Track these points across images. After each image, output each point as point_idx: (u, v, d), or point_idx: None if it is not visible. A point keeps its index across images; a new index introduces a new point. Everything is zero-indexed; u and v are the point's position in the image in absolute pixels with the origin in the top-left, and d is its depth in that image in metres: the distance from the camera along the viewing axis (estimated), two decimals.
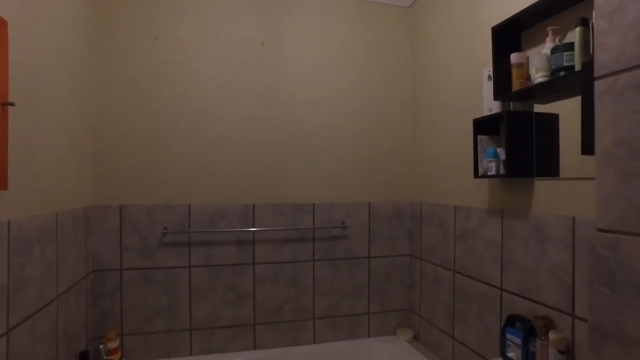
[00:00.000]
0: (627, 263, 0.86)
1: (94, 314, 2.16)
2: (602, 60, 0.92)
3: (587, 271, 1.38)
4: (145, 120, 2.23)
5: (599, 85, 0.94)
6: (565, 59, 1.35)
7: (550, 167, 1.58)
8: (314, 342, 2.51)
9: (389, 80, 2.61)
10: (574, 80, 1.35)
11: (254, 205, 2.37)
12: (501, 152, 1.70)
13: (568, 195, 1.49)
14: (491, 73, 1.72)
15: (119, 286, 2.20)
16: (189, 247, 2.29)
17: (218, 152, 2.32)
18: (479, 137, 1.79)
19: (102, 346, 1.98)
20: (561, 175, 1.53)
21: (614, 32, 0.90)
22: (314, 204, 2.47)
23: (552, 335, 1.47)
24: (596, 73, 0.94)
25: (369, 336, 2.61)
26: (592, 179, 1.07)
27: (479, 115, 1.85)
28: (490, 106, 1.76)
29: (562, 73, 1.37)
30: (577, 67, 1.33)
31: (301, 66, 2.46)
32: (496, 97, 1.67)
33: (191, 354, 2.31)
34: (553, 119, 1.60)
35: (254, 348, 2.41)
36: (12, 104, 1.02)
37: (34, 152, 1.46)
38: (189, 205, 2.28)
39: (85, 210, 2.05)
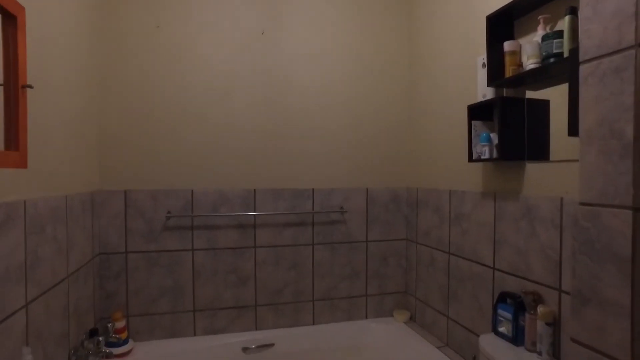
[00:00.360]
0: (605, 233, 0.94)
1: (101, 295, 2.23)
2: (586, 46, 0.99)
3: (571, 243, 1.46)
4: (149, 108, 2.28)
5: (583, 69, 1.01)
6: (555, 46, 1.42)
7: (540, 151, 1.66)
8: (314, 324, 2.59)
9: (386, 68, 2.67)
10: (563, 66, 1.42)
11: (254, 190, 2.44)
12: (494, 137, 1.77)
13: (557, 177, 1.57)
14: (485, 60, 1.79)
15: (125, 269, 2.27)
16: (192, 230, 2.36)
17: (219, 139, 2.38)
18: (473, 122, 1.86)
19: (110, 325, 2.05)
20: (551, 158, 1.61)
21: (597, 19, 0.96)
22: (313, 189, 2.54)
23: (540, 309, 1.56)
24: (581, 58, 1.01)
25: (366, 318, 2.70)
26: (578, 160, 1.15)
27: (473, 102, 1.91)
28: (484, 92, 1.82)
29: (551, 59, 1.44)
30: (566, 54, 1.40)
31: (301, 54, 2.51)
32: (490, 83, 1.74)
33: (195, 334, 2.39)
34: (544, 104, 1.67)
35: (256, 329, 2.49)
36: (30, 87, 1.08)
37: (45, 134, 1.52)
38: (192, 190, 2.34)
39: (92, 194, 2.11)
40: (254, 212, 2.44)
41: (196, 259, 2.37)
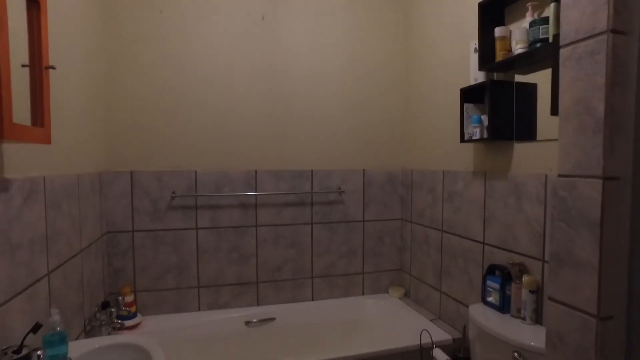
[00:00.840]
0: (579, 201, 1.05)
1: (109, 272, 2.33)
2: (566, 31, 1.09)
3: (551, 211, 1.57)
4: (153, 91, 2.35)
5: (562, 53, 1.10)
6: (541, 32, 1.51)
7: (528, 131, 1.76)
8: (312, 299, 2.71)
9: (383, 53, 2.75)
10: (548, 50, 1.51)
11: (256, 171, 2.53)
12: (485, 119, 1.87)
13: (542, 155, 1.67)
14: (477, 46, 1.88)
15: (132, 246, 2.37)
16: (196, 210, 2.45)
17: (222, 121, 2.47)
18: (465, 105, 1.96)
19: (120, 298, 2.15)
20: (538, 138, 1.71)
21: (575, 6, 1.06)
22: (312, 170, 2.63)
23: (524, 279, 1.68)
24: (561, 42, 1.10)
25: (363, 294, 2.83)
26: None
27: (465, 85, 2.01)
28: (475, 76, 1.92)
29: (538, 44, 1.53)
30: (551, 39, 1.49)
31: (300, 39, 2.58)
32: (481, 67, 1.83)
33: (199, 310, 2.50)
34: (532, 87, 1.77)
35: (257, 304, 2.61)
36: (53, 67, 1.16)
37: (60, 114, 1.60)
38: (195, 171, 2.43)
39: (100, 174, 2.19)
40: (255, 192, 2.54)
41: (200, 237, 2.47)
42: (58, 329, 1.25)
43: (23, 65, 1.07)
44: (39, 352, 1.12)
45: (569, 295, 1.09)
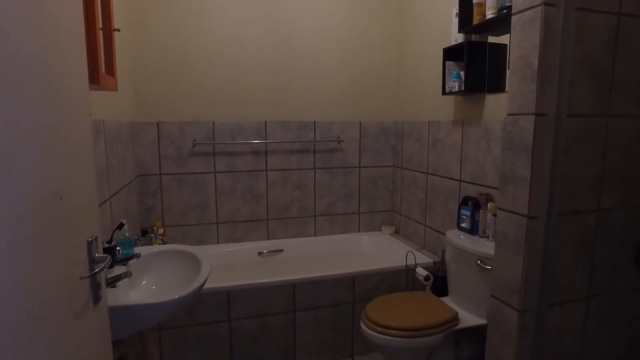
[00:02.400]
0: (520, 132, 1.42)
1: (141, 209, 2.72)
2: (516, 2, 1.42)
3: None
4: (177, 48, 2.65)
5: (513, 19, 1.44)
6: (507, 0, 1.83)
7: (497, 85, 2.11)
8: (315, 235, 3.13)
9: (378, 15, 3.04)
10: (510, 16, 1.83)
11: (265, 122, 2.88)
12: (463, 74, 2.21)
13: (505, 104, 2.02)
14: (457, 11, 2.18)
15: (160, 188, 2.75)
16: (214, 156, 2.82)
17: (236, 76, 2.78)
18: (446, 62, 2.29)
19: (155, 228, 2.55)
20: (505, 90, 2.06)
21: None
22: (315, 121, 2.98)
23: (489, 205, 2.07)
24: (513, 11, 1.43)
25: (359, 231, 3.25)
26: None
27: (447, 45, 2.33)
28: (456, 37, 2.23)
29: (504, 11, 1.85)
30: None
31: (304, 1, 2.86)
32: (460, 30, 2.15)
33: (218, 242, 2.92)
34: (502, 48, 2.10)
35: (267, 238, 3.02)
36: (118, 30, 1.49)
37: None
38: (213, 122, 2.78)
39: (132, 124, 2.54)
40: (265, 140, 2.89)
41: (218, 180, 2.85)
42: (127, 234, 1.65)
43: (99, 29, 1.40)
44: (118, 248, 1.52)
45: (511, 204, 1.48)
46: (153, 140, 2.69)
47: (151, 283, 1.65)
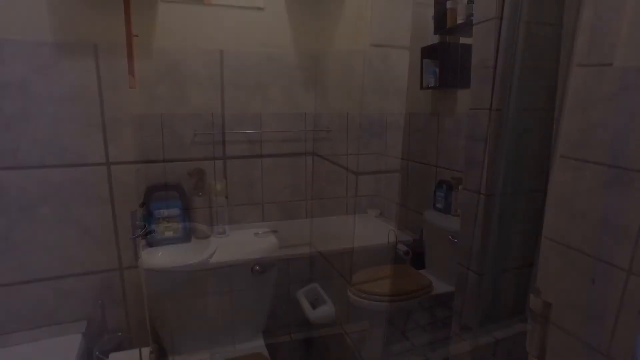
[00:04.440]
0: (478, 125, 1.69)
1: None
2: (477, 14, 1.69)
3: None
4: None
5: (475, 29, 1.71)
6: (473, 8, 2.09)
7: (468, 81, 2.37)
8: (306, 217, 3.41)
9: None
10: None
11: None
12: (438, 72, 2.48)
13: None
14: (434, 14, 2.45)
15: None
16: (213, 145, 3.06)
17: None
18: (424, 60, 2.55)
19: None
20: None
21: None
22: (305, 113, 3.23)
23: (460, 187, 2.36)
24: (474, 22, 1.70)
25: (346, 214, 3.53)
26: None
27: (425, 45, 2.59)
28: (432, 38, 2.50)
29: (471, 18, 2.12)
30: None
31: None
32: (435, 32, 2.42)
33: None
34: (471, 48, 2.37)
35: (263, 220, 3.29)
36: (136, 36, 1.72)
37: None
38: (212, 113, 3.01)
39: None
40: (260, 130, 3.14)
41: (217, 166, 3.09)
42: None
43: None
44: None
45: (472, 184, 1.77)
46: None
47: None
